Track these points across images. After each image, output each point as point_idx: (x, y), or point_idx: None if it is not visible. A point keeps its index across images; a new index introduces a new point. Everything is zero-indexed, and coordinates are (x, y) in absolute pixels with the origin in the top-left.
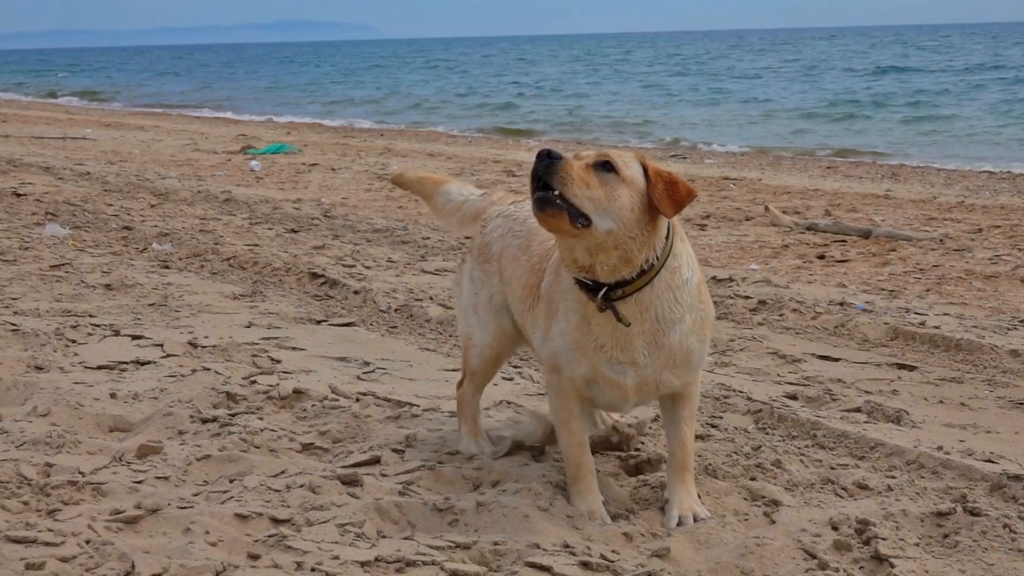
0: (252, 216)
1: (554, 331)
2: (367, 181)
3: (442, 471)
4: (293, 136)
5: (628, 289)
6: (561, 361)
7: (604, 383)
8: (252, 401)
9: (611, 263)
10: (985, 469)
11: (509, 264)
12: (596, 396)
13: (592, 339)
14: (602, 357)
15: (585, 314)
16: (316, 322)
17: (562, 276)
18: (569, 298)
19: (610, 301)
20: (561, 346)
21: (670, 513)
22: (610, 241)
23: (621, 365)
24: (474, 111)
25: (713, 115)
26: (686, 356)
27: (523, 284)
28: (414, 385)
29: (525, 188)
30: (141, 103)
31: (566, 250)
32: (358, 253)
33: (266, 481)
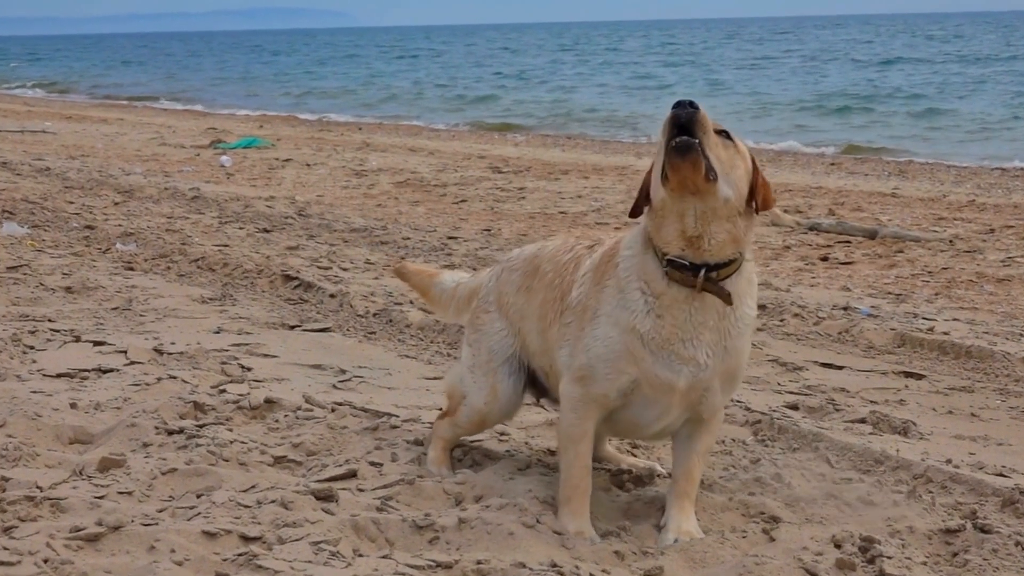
0: (222, 215)
1: (591, 338)
2: (344, 178)
3: (422, 485)
4: (266, 130)
5: (725, 272)
6: (598, 371)
7: (651, 388)
8: (221, 411)
9: (721, 236)
10: (996, 484)
11: (516, 296)
12: (627, 411)
13: (655, 336)
14: (659, 356)
15: (659, 306)
16: (289, 327)
17: (613, 279)
18: (617, 302)
19: (713, 280)
20: (601, 353)
21: (665, 536)
22: (725, 210)
23: (679, 363)
24: (452, 103)
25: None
26: (737, 365)
27: (540, 302)
28: (393, 394)
29: (510, 188)
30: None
31: (676, 217)
32: (334, 254)
33: (235, 496)
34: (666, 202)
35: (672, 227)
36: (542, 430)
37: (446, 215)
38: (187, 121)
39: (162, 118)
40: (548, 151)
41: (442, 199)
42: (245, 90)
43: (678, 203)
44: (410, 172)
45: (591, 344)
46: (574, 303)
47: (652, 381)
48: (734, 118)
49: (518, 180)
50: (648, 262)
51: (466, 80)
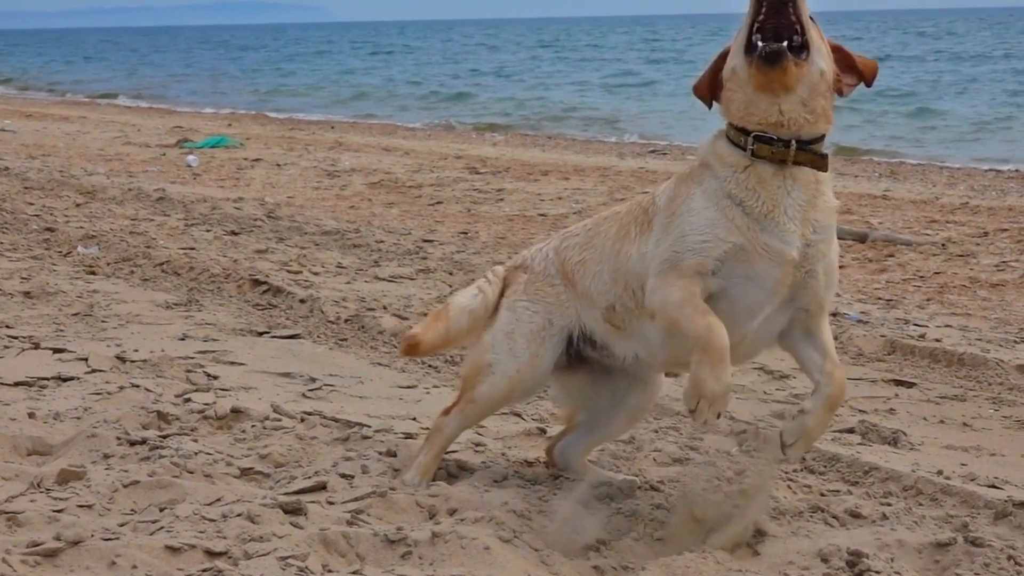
0: (188, 217)
1: (681, 217)
2: (316, 178)
3: (394, 498)
4: (234, 128)
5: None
6: (690, 241)
7: (761, 259)
8: (185, 421)
9: (815, 111)
10: (989, 495)
11: (581, 252)
12: (727, 295)
13: (755, 206)
14: (766, 226)
15: (750, 180)
16: (257, 334)
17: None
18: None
19: (807, 149)
20: (694, 223)
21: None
22: (822, 85)
23: (787, 235)
24: (427, 101)
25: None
26: (834, 254)
27: (616, 228)
28: (365, 403)
29: (487, 190)
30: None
31: (768, 95)
32: (305, 258)
33: (200, 510)
34: (754, 92)
35: (760, 104)
36: (519, 440)
37: (421, 217)
38: (152, 119)
39: (126, 116)
40: (527, 151)
41: (417, 201)
42: (212, 87)
43: (768, 94)
44: (384, 172)
45: (681, 222)
46: (662, 204)
47: (761, 250)
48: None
49: (496, 181)
50: (729, 147)
51: (441, 77)
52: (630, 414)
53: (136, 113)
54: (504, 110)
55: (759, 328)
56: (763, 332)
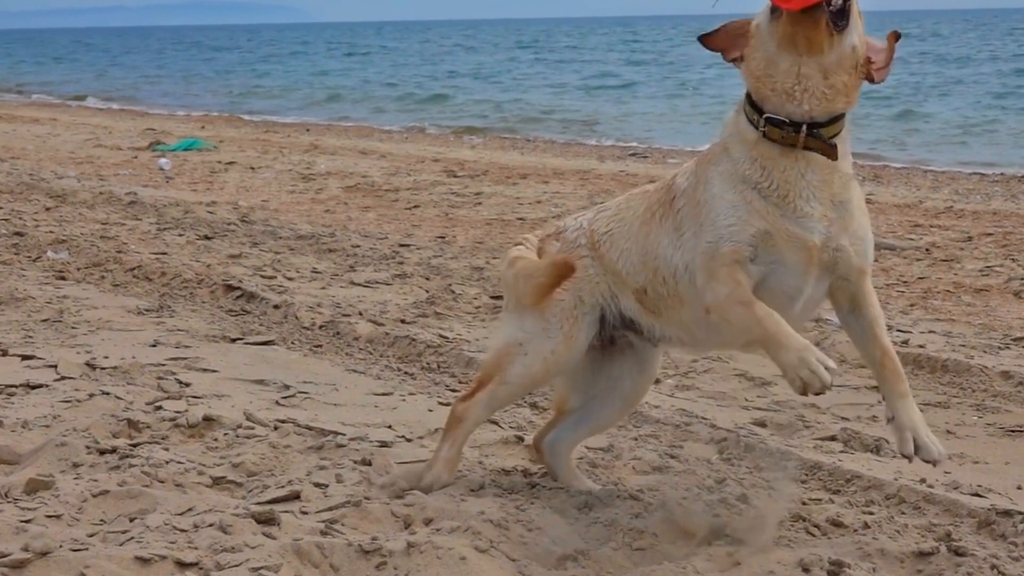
0: (160, 221)
1: (707, 206)
2: (290, 182)
3: (369, 508)
4: (207, 131)
5: (825, 132)
6: (721, 228)
7: (786, 245)
8: (157, 429)
9: (834, 87)
10: (972, 504)
11: (610, 224)
12: (769, 281)
13: (771, 189)
14: (785, 211)
15: (763, 160)
16: (231, 340)
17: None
18: (724, 163)
19: (817, 135)
20: (720, 210)
21: (902, 435)
22: (849, 61)
23: (806, 220)
24: (404, 103)
25: (674, 110)
26: (859, 223)
27: (643, 209)
28: (340, 411)
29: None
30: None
31: (791, 53)
32: (279, 263)
33: (171, 520)
34: (776, 49)
35: (780, 64)
36: (496, 449)
37: (398, 221)
38: (124, 121)
39: (98, 118)
40: (506, 154)
41: (394, 204)
42: (185, 89)
43: (791, 53)
44: (360, 176)
45: (706, 211)
46: (683, 188)
47: (784, 236)
48: (700, 121)
49: (474, 185)
50: (747, 124)
51: (418, 78)
52: (625, 400)
53: (108, 115)
54: (482, 112)
55: (803, 306)
56: (808, 306)
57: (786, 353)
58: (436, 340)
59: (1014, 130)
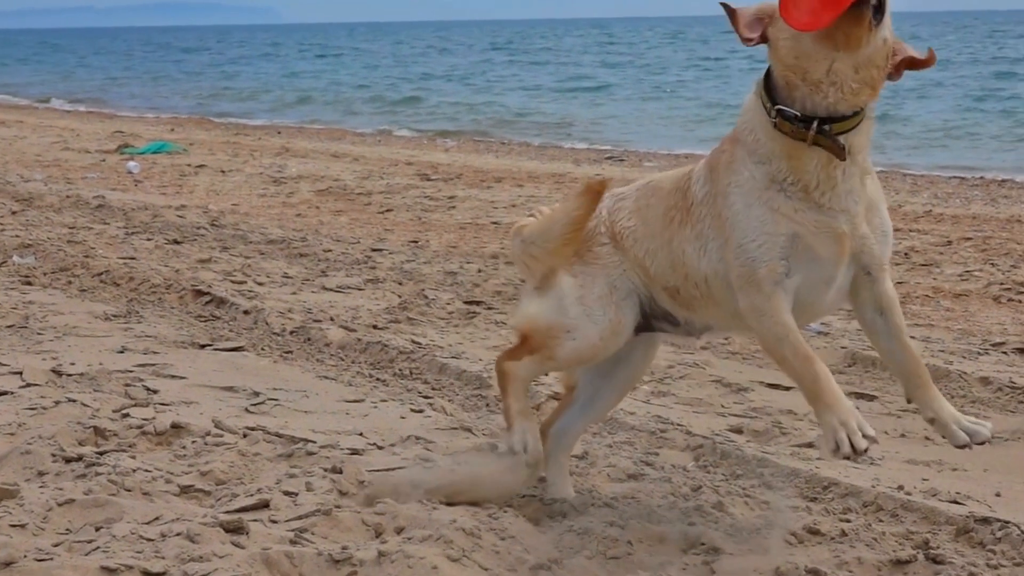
0: (128, 225)
1: (732, 221)
2: (261, 185)
3: (339, 516)
4: (177, 133)
5: (840, 127)
6: (751, 248)
7: (815, 238)
8: (124, 437)
9: (863, 80)
10: (950, 511)
11: (630, 220)
12: (799, 270)
13: (792, 184)
14: (809, 204)
15: (793, 162)
16: (199, 346)
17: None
18: (742, 168)
19: (827, 133)
20: (748, 227)
21: (949, 430)
22: (880, 56)
23: (832, 211)
24: (377, 106)
25: (650, 113)
26: (881, 216)
27: (661, 213)
28: (310, 418)
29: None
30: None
31: (827, 47)
32: (249, 267)
33: (138, 529)
34: (812, 43)
35: (813, 56)
36: (470, 456)
37: (370, 225)
38: (92, 124)
39: (65, 121)
40: (480, 157)
41: (366, 208)
42: (154, 91)
43: (827, 48)
44: (332, 179)
45: (732, 230)
46: (699, 196)
47: (812, 230)
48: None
49: (448, 188)
50: (762, 112)
51: (391, 80)
52: (627, 383)
53: (75, 117)
54: (455, 115)
55: (834, 294)
56: (838, 295)
57: (830, 414)
58: (408, 346)
59: (994, 133)
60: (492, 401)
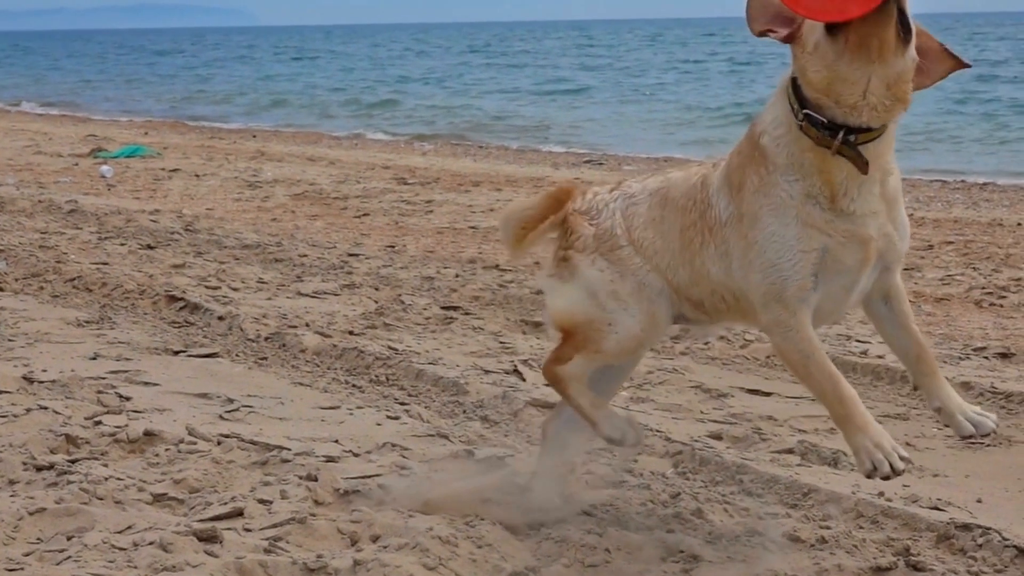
0: (101, 230)
1: (761, 240)
2: (236, 189)
3: (314, 525)
4: (151, 137)
5: (866, 137)
6: (784, 269)
7: (845, 241)
8: (96, 445)
9: (895, 96)
10: (931, 518)
11: (645, 230)
12: (825, 283)
13: (823, 195)
14: (838, 213)
15: (820, 169)
16: (173, 353)
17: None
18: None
19: (852, 145)
20: (778, 248)
21: (955, 419)
22: (911, 70)
23: (861, 217)
24: (353, 109)
25: (630, 116)
26: (902, 212)
27: (679, 230)
28: (285, 426)
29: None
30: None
31: (861, 62)
32: (224, 272)
33: (110, 538)
34: (845, 62)
35: (849, 77)
36: (446, 464)
37: (347, 230)
38: (65, 127)
39: (37, 124)
40: (458, 161)
41: (342, 213)
42: (128, 94)
43: (862, 62)
44: (308, 183)
45: (763, 247)
46: (724, 217)
47: (841, 240)
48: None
49: (425, 192)
50: (787, 111)
51: (368, 83)
52: (628, 371)
53: (47, 121)
54: (433, 118)
55: (856, 296)
56: (861, 295)
57: (862, 436)
58: (385, 352)
59: (975, 136)
60: (469, 407)
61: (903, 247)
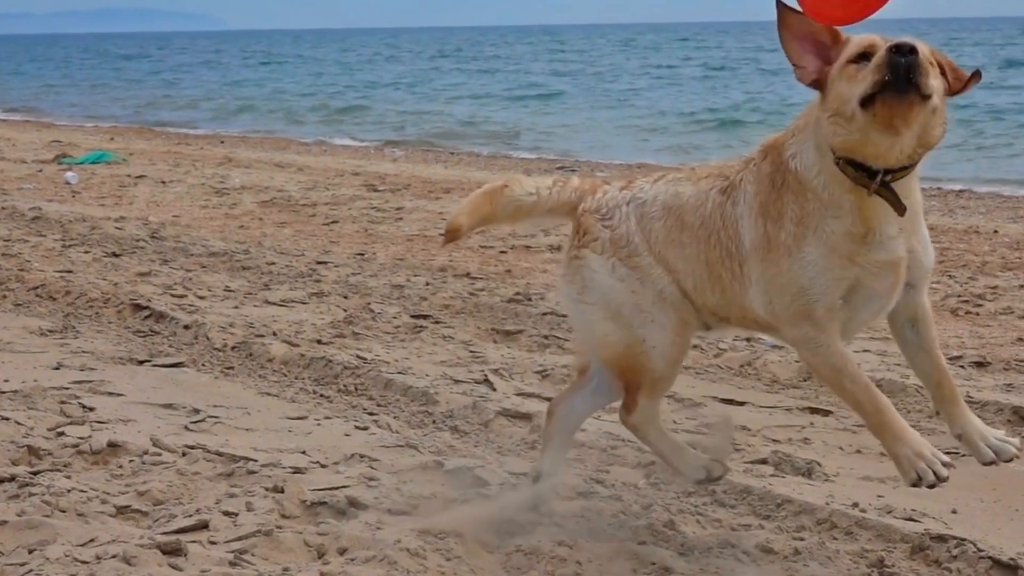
0: (66, 237)
1: (796, 267)
2: (203, 196)
3: (280, 537)
4: (117, 143)
5: (900, 175)
6: (814, 293)
7: (878, 271)
8: (59, 456)
9: (927, 143)
10: (905, 529)
11: (667, 248)
12: (856, 309)
13: (860, 232)
14: (871, 243)
15: (858, 207)
16: (138, 362)
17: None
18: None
19: (887, 185)
20: (812, 274)
21: (976, 446)
22: (939, 115)
23: (890, 240)
24: (322, 114)
25: (602, 121)
26: (924, 228)
27: (705, 262)
28: (251, 436)
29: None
30: None
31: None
32: (190, 281)
33: (72, 551)
34: (875, 133)
35: (877, 142)
36: (415, 474)
37: (315, 237)
38: (29, 133)
39: (0, 130)
40: (428, 167)
41: (311, 220)
42: (93, 99)
43: (890, 134)
44: (276, 190)
45: (797, 273)
46: (754, 245)
47: (874, 269)
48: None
49: (395, 199)
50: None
51: (337, 89)
52: None
53: (10, 127)
54: (403, 123)
55: (884, 313)
56: (881, 316)
57: (902, 447)
58: (354, 361)
59: (951, 143)
60: (439, 418)
61: (928, 262)
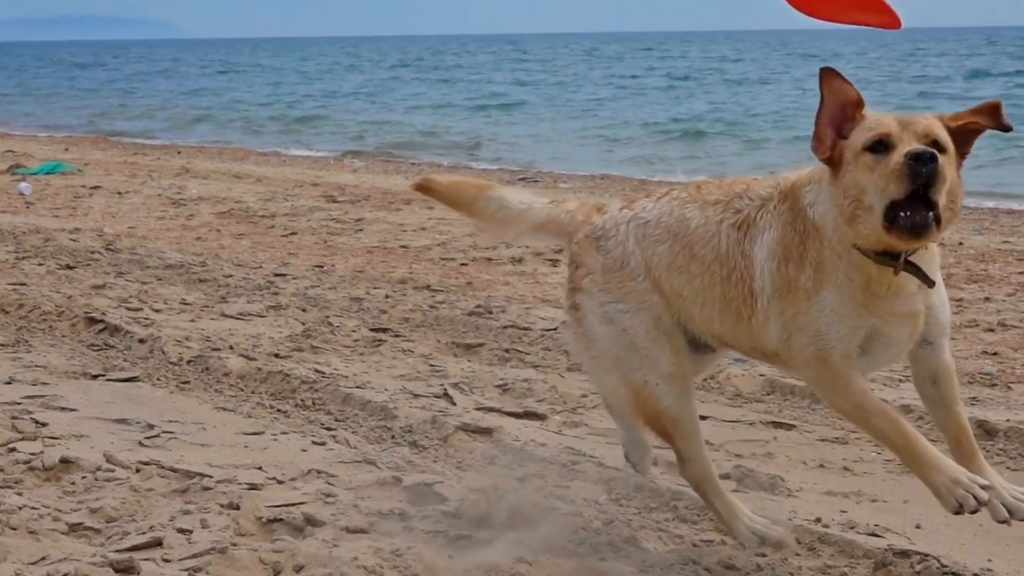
0: (18, 249)
1: (815, 312)
2: (160, 207)
3: (236, 555)
4: (72, 153)
5: None
6: (830, 339)
7: (897, 321)
8: (9, 473)
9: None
10: (868, 544)
11: (670, 274)
12: (874, 356)
13: (879, 290)
14: (889, 297)
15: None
16: (91, 377)
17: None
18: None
19: (912, 264)
20: (830, 320)
21: (991, 503)
22: (951, 204)
23: (909, 295)
24: (277, 124)
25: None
26: (937, 276)
27: (722, 297)
28: (207, 452)
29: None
30: None
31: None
32: (146, 293)
33: (23, 570)
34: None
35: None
36: (372, 490)
37: (274, 249)
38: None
39: None
40: (389, 178)
41: (270, 231)
42: (48, 109)
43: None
44: (234, 201)
45: (815, 316)
46: (773, 288)
47: (893, 319)
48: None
49: (355, 211)
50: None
51: (296, 98)
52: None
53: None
54: (362, 133)
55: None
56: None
57: (938, 475)
58: (312, 375)
59: None
60: (398, 433)
61: (945, 318)
